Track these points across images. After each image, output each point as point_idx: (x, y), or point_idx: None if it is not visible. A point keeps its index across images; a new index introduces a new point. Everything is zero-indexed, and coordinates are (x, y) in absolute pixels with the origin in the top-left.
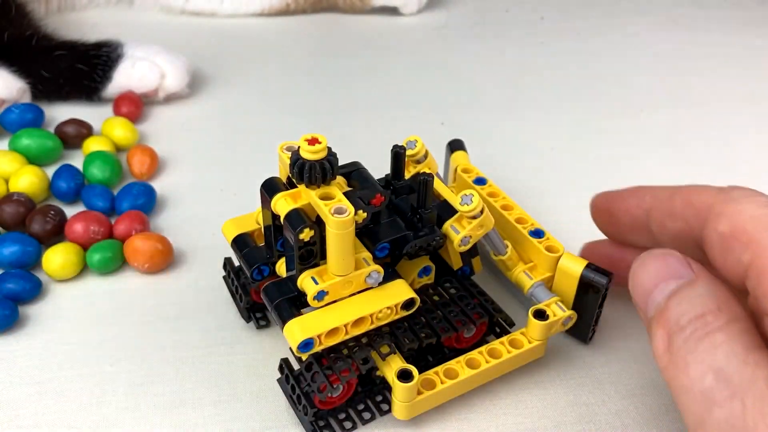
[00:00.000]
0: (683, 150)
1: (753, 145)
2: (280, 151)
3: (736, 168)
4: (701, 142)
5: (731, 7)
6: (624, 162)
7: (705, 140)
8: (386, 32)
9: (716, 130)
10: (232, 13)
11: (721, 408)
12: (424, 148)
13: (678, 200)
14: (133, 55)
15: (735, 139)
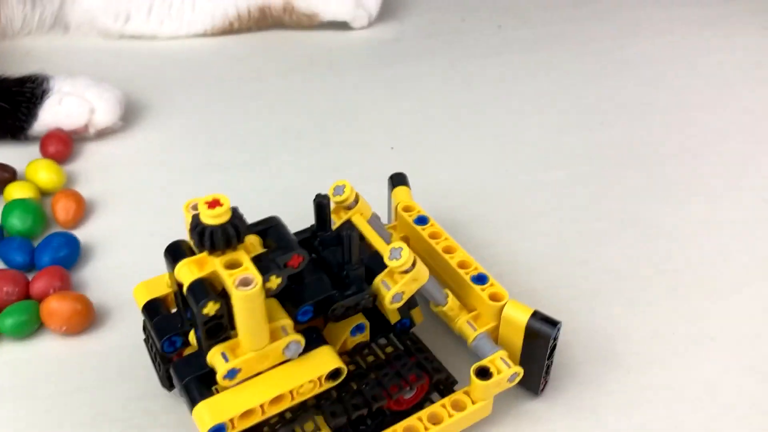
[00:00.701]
0: (644, 165)
1: (721, 150)
2: (185, 210)
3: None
4: (666, 157)
5: (695, 5)
6: (586, 180)
7: (668, 155)
8: (336, 48)
9: (681, 140)
10: (173, 35)
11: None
12: (353, 192)
13: None
14: (60, 90)
15: (697, 145)
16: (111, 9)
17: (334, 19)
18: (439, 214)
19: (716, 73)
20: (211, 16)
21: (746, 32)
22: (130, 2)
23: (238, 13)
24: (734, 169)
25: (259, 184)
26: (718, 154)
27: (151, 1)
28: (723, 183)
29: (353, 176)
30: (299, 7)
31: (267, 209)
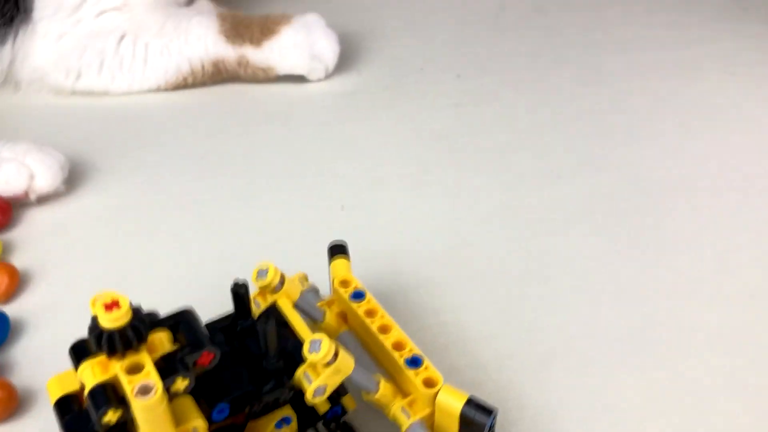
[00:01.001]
0: (600, 225)
1: (680, 206)
2: (91, 306)
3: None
4: (625, 214)
5: (656, 49)
6: (545, 240)
7: (627, 212)
8: (292, 102)
9: (641, 198)
10: (125, 91)
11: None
12: (277, 275)
13: None
14: (0, 156)
15: (656, 200)
16: (62, 65)
17: (290, 72)
18: (387, 278)
19: (681, 120)
20: (164, 71)
21: (708, 77)
22: (81, 59)
23: (192, 68)
24: (691, 230)
25: (205, 249)
26: (677, 210)
27: (102, 57)
28: (679, 246)
29: (302, 237)
30: (254, 60)
31: (211, 277)
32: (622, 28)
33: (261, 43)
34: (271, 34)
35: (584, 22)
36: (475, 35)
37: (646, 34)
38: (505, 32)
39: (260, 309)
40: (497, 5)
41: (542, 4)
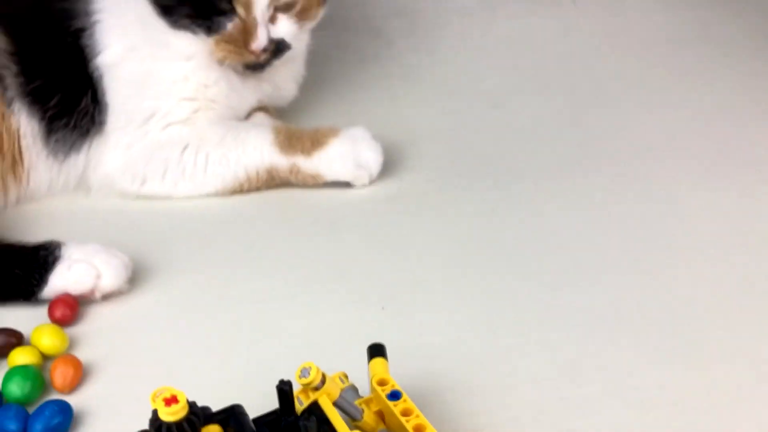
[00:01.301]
0: (636, 328)
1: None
2: (151, 400)
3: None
4: (655, 320)
5: (687, 156)
6: (577, 346)
7: (658, 319)
8: (338, 206)
9: (673, 305)
10: (186, 196)
11: None
12: (319, 374)
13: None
14: (70, 257)
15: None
16: (129, 172)
17: (336, 179)
18: (424, 379)
19: (721, 230)
20: (222, 178)
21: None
22: (147, 166)
23: (248, 175)
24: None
25: (254, 347)
26: (699, 320)
27: (166, 165)
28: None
29: (343, 336)
30: (304, 169)
31: (259, 374)
32: (653, 136)
33: (311, 153)
34: (321, 145)
35: (619, 133)
36: (511, 145)
37: (675, 139)
38: (542, 142)
39: (303, 406)
40: (534, 117)
41: (578, 117)
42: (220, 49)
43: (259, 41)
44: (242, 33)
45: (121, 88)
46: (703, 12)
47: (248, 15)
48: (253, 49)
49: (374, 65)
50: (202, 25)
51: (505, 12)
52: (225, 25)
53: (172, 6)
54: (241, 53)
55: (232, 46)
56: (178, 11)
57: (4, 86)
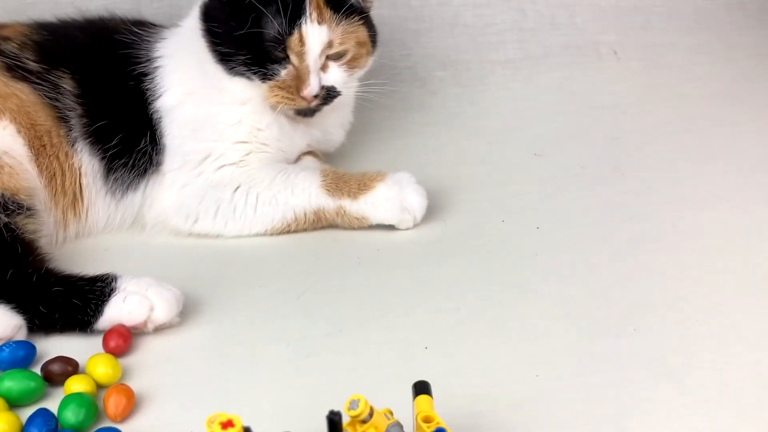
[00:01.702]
0: (678, 374)
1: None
2: (207, 425)
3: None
4: (698, 369)
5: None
6: (618, 391)
7: (699, 368)
8: (383, 247)
9: (715, 349)
10: (236, 235)
11: None
12: (367, 407)
13: None
14: (126, 289)
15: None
16: (183, 211)
17: (382, 222)
18: (466, 419)
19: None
20: (272, 218)
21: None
22: (199, 205)
23: (296, 216)
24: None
25: (302, 381)
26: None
27: (218, 205)
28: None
29: (387, 374)
30: (350, 211)
31: (305, 408)
32: (695, 187)
33: (357, 196)
34: (367, 189)
35: (660, 183)
36: (554, 191)
37: (717, 191)
38: (584, 189)
39: None
40: (575, 166)
41: (619, 166)
42: (273, 95)
43: (311, 88)
44: (295, 80)
45: (179, 130)
46: (745, 65)
47: (301, 63)
48: (305, 95)
49: (419, 114)
50: (257, 72)
51: (547, 64)
52: (279, 73)
53: (230, 54)
54: (294, 99)
55: (285, 92)
56: (235, 59)
57: (69, 126)
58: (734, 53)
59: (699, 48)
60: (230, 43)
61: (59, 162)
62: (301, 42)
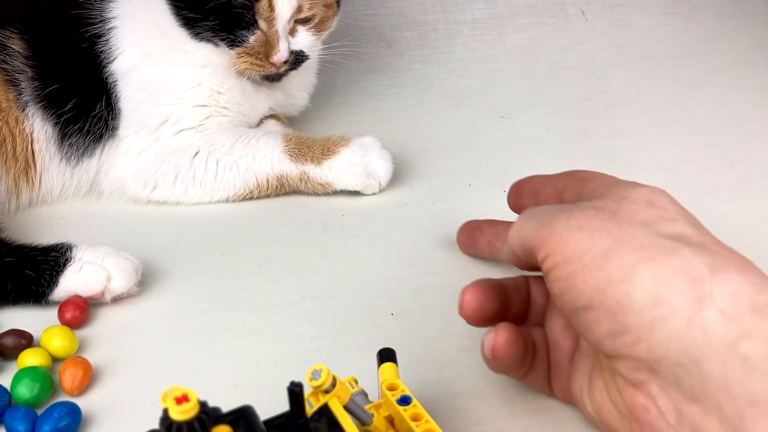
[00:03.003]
0: None
1: None
2: (162, 400)
3: None
4: None
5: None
6: None
7: None
8: (347, 213)
9: None
10: (196, 202)
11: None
12: (330, 377)
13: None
14: (81, 259)
15: None
16: (140, 177)
17: (346, 188)
18: (432, 385)
19: None
20: (233, 185)
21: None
22: (157, 171)
23: (258, 182)
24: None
25: (263, 351)
26: None
27: (177, 171)
28: None
29: (352, 342)
30: (314, 177)
31: (268, 376)
32: (661, 148)
33: (321, 162)
34: (331, 154)
35: (627, 145)
36: (522, 154)
37: (683, 152)
38: (551, 152)
39: (313, 409)
40: (543, 128)
41: (587, 128)
42: (242, 62)
43: (281, 54)
44: (264, 45)
45: (135, 93)
46: (711, 26)
47: (270, 29)
48: (274, 61)
49: (384, 75)
50: (225, 39)
51: (515, 24)
52: (248, 39)
53: (196, 19)
54: (263, 65)
55: (254, 59)
56: (201, 25)
57: (19, 90)
58: (700, 13)
59: (665, 8)
60: (196, 8)
61: (9, 127)
62: (270, 7)
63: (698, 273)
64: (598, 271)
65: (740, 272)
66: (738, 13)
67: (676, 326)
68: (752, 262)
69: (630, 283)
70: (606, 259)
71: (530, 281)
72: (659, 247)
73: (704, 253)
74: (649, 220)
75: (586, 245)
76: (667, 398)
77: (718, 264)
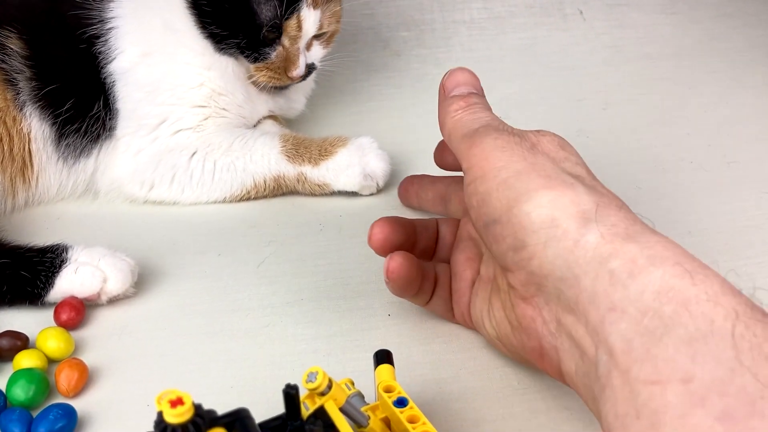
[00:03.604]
0: None
1: None
2: (156, 402)
3: None
4: None
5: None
6: None
7: None
8: (345, 214)
9: None
10: (193, 202)
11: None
12: (326, 379)
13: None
14: (77, 260)
15: None
16: (137, 177)
17: (343, 189)
18: (429, 387)
19: None
20: (230, 185)
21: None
22: (154, 172)
23: (255, 183)
24: None
25: (259, 352)
26: None
27: (174, 171)
28: None
29: (349, 343)
30: (311, 178)
31: (264, 378)
32: (659, 148)
33: (318, 162)
34: (328, 154)
35: (625, 144)
36: None
37: (681, 151)
38: None
39: (309, 411)
40: (542, 127)
41: (585, 128)
42: (261, 75)
43: (300, 69)
44: (284, 61)
45: (134, 92)
46: (709, 25)
47: (292, 46)
48: (293, 75)
49: (382, 76)
50: (249, 55)
51: (513, 24)
52: (270, 55)
53: (223, 36)
54: (280, 78)
55: (273, 72)
56: (228, 42)
57: (17, 90)
58: (698, 13)
59: (663, 8)
60: (223, 24)
61: (6, 127)
62: (298, 27)
63: (588, 206)
64: (508, 190)
65: (619, 209)
66: (736, 12)
67: (564, 246)
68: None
69: (532, 204)
70: (517, 180)
71: (439, 222)
72: (561, 179)
73: (594, 192)
74: (558, 158)
75: (503, 164)
76: (549, 310)
77: (604, 202)
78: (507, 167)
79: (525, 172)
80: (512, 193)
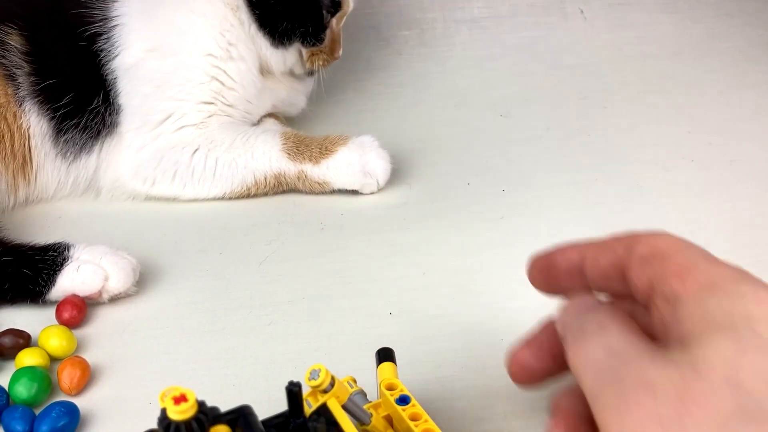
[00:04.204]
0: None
1: None
2: (160, 400)
3: None
4: None
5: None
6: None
7: None
8: (345, 212)
9: None
10: (194, 198)
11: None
12: (328, 376)
13: (608, 239)
14: (79, 258)
15: None
16: (140, 174)
17: (344, 187)
18: (432, 385)
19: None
20: (231, 182)
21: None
22: (157, 167)
23: (256, 180)
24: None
25: (262, 350)
26: None
27: (176, 168)
28: None
29: (351, 341)
30: (312, 176)
31: (267, 376)
32: (661, 147)
33: (319, 160)
34: (329, 153)
35: (626, 143)
36: (520, 152)
37: (682, 150)
38: (549, 150)
39: (311, 408)
40: (542, 127)
41: (586, 127)
42: (316, 59)
43: (342, 48)
44: (331, 42)
45: (141, 87)
46: (709, 25)
47: (338, 26)
48: (338, 55)
49: (383, 74)
50: (311, 42)
51: (514, 23)
52: (323, 39)
53: (288, 28)
54: (328, 60)
55: (324, 55)
56: (294, 33)
57: (16, 85)
58: (699, 12)
59: (664, 7)
60: (288, 16)
61: (7, 123)
62: (347, 5)
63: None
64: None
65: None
66: (736, 12)
67: None
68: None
69: None
70: None
71: None
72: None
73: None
74: (723, 414)
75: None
76: None
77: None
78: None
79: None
80: None
